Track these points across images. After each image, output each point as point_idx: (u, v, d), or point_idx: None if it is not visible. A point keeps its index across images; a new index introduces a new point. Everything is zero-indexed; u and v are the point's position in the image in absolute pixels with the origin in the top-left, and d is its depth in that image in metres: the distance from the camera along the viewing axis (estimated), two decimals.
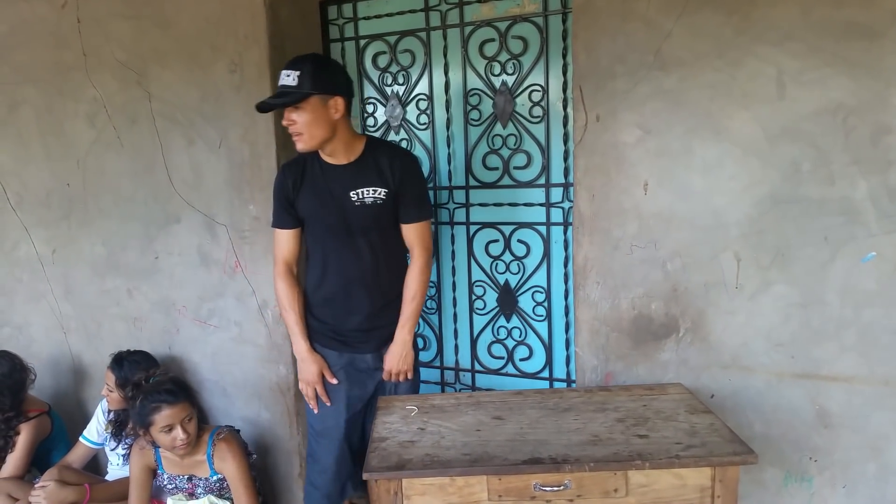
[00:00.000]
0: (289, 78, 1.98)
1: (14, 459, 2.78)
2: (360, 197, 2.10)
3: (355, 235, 2.14)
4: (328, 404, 2.24)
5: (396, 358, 2.20)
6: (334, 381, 2.23)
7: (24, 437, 2.80)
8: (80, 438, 2.83)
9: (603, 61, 2.10)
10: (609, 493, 1.59)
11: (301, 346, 2.25)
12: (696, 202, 2.04)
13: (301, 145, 2.04)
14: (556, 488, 1.58)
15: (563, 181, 2.47)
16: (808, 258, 1.94)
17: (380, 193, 2.10)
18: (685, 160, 2.04)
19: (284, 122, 2.04)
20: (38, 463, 2.88)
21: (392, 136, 2.76)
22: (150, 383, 2.41)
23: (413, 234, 2.17)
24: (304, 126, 2.00)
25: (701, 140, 2.01)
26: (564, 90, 2.40)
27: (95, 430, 2.82)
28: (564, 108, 2.42)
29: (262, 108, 2.03)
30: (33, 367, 2.92)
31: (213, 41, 2.63)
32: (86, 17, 2.87)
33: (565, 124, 2.42)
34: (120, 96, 2.87)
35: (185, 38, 2.69)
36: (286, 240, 2.24)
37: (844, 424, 1.97)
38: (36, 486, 2.56)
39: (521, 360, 2.67)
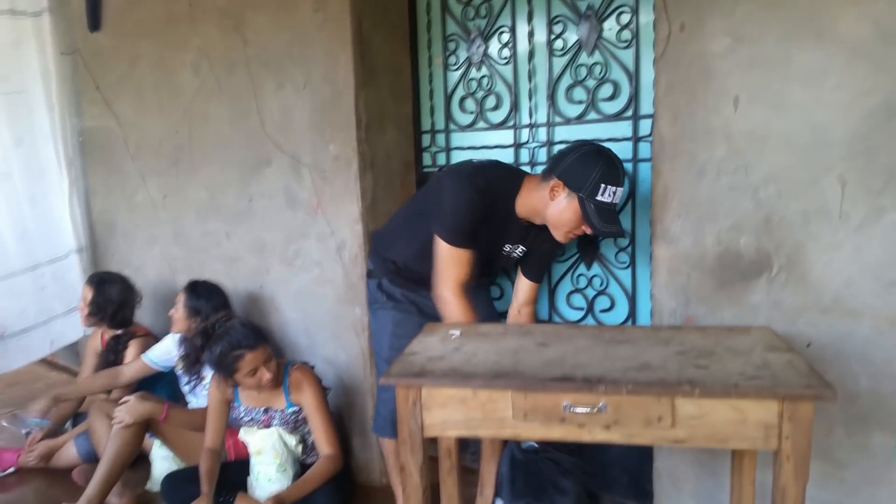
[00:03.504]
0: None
1: None
2: (510, 251, 2.19)
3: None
4: None
5: None
6: None
7: (132, 353, 3.09)
8: (142, 356, 3.00)
9: None
10: (652, 421, 1.38)
11: None
12: (795, 118, 1.76)
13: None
14: (589, 409, 1.40)
15: (653, 112, 2.24)
16: None
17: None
18: (782, 70, 1.76)
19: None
20: (141, 388, 3.05)
21: (473, 74, 2.66)
22: (219, 331, 2.44)
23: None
24: None
25: (800, 45, 1.73)
26: (655, 8, 2.18)
27: (161, 353, 2.97)
28: (655, 28, 2.20)
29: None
30: (140, 290, 3.17)
31: None
32: None
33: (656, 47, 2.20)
34: (220, 44, 2.97)
35: None
36: (469, 261, 2.08)
37: None
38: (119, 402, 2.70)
39: (602, 311, 2.47)
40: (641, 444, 1.43)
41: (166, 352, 2.97)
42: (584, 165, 1.89)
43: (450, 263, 2.01)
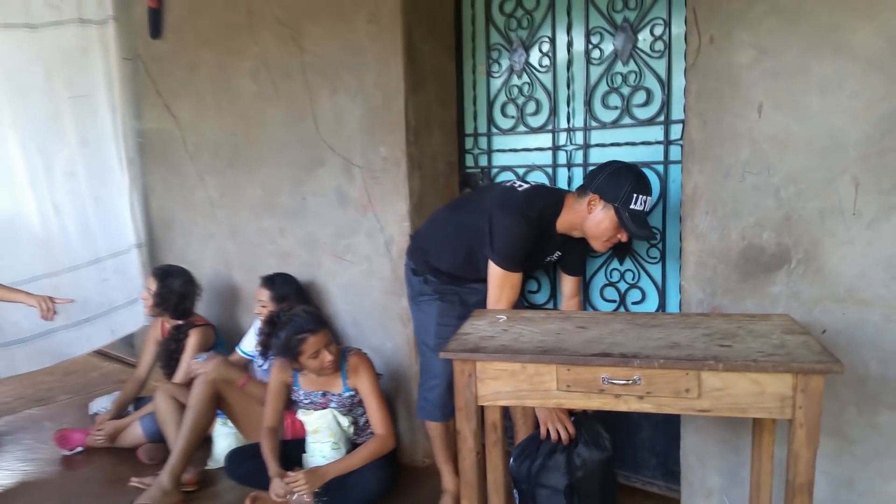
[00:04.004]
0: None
1: (184, 362, 3.23)
2: (549, 259, 2.44)
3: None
4: None
5: None
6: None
7: (192, 342, 3.28)
8: (236, 348, 3.24)
9: None
10: (680, 392, 1.57)
11: None
12: (813, 123, 1.93)
13: None
14: (625, 382, 1.59)
15: (684, 117, 2.42)
16: None
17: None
18: (802, 80, 1.94)
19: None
20: None
21: (514, 81, 2.85)
22: (284, 319, 2.66)
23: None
24: None
25: (819, 57, 1.90)
26: (687, 22, 2.36)
27: (250, 344, 3.19)
28: (686, 40, 2.37)
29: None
30: (200, 283, 3.40)
31: None
32: None
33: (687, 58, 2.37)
34: (277, 52, 3.20)
35: None
36: (519, 282, 2.32)
37: None
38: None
39: (634, 303, 2.65)
40: (671, 412, 1.61)
41: (254, 339, 3.22)
42: (617, 180, 2.14)
43: (504, 287, 2.25)
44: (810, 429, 1.52)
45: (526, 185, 2.36)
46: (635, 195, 2.12)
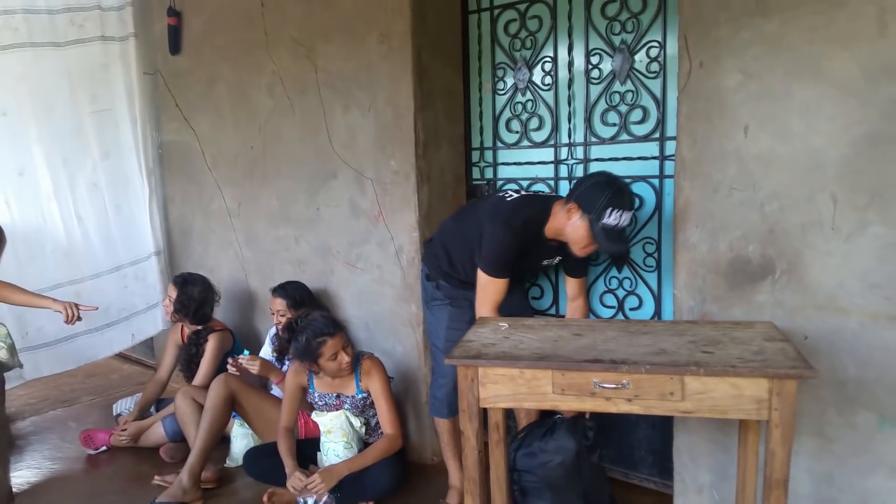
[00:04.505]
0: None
1: (204, 364, 3.39)
2: (549, 263, 2.56)
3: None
4: None
5: None
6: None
7: (211, 346, 3.42)
8: (260, 355, 3.40)
9: (707, 9, 2.18)
10: (665, 395, 1.71)
11: None
12: (795, 144, 2.07)
13: None
14: (614, 386, 1.73)
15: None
16: None
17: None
18: (785, 103, 2.07)
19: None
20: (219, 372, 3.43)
21: (518, 98, 3.00)
22: (302, 324, 2.81)
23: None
24: None
25: (800, 82, 2.04)
26: (679, 48, 2.49)
27: (266, 352, 3.34)
28: (679, 65, 2.51)
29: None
30: (218, 290, 3.55)
31: (367, 16, 3.02)
32: (268, 1, 3.39)
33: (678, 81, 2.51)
34: (293, 69, 3.36)
35: (345, 15, 3.11)
36: (505, 287, 2.43)
37: None
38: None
39: (631, 309, 2.79)
40: (657, 414, 1.75)
41: (269, 347, 3.39)
42: (595, 192, 2.23)
43: (489, 291, 2.39)
44: (785, 429, 1.66)
45: (515, 196, 2.48)
46: (610, 209, 2.19)
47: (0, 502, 1.72)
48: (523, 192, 2.51)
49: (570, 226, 2.31)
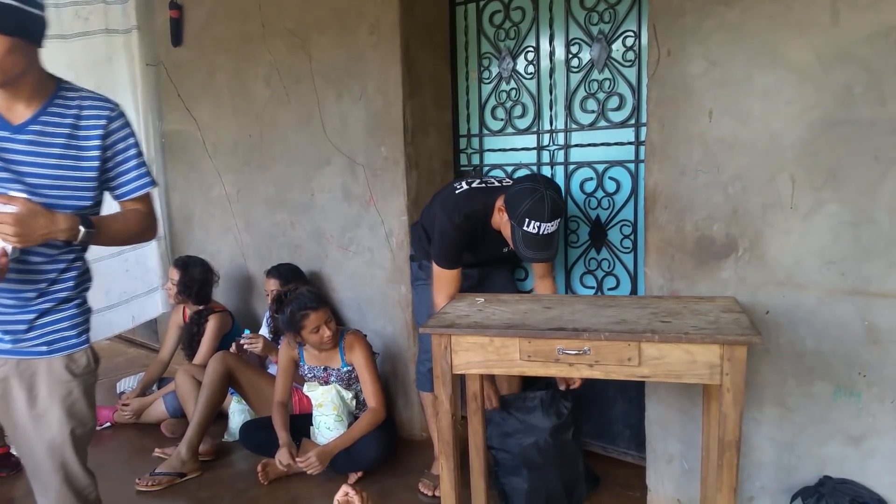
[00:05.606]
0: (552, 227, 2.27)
1: (204, 343, 3.53)
2: (509, 251, 2.47)
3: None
4: None
5: None
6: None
7: (211, 326, 3.57)
8: (260, 334, 3.52)
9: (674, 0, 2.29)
10: (623, 361, 1.82)
11: None
12: (756, 127, 2.17)
13: None
14: (576, 352, 1.85)
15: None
16: (859, 178, 2.00)
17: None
18: (746, 88, 2.18)
19: None
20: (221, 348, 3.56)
21: (503, 86, 3.11)
22: (290, 297, 2.94)
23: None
24: None
25: (760, 68, 2.14)
26: (648, 36, 2.60)
27: (264, 333, 3.49)
28: (648, 53, 2.61)
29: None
30: (217, 271, 3.70)
31: (358, 8, 3.14)
32: None
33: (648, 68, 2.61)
34: (288, 60, 3.48)
35: (338, 7, 3.23)
36: (456, 278, 2.49)
37: (893, 340, 2.01)
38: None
39: (610, 289, 2.90)
40: (616, 378, 1.86)
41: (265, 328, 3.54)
42: (517, 199, 2.27)
43: (442, 282, 2.47)
44: (736, 393, 1.77)
45: (465, 188, 2.51)
46: (527, 219, 2.23)
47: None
48: (473, 185, 2.54)
49: (502, 224, 2.39)
